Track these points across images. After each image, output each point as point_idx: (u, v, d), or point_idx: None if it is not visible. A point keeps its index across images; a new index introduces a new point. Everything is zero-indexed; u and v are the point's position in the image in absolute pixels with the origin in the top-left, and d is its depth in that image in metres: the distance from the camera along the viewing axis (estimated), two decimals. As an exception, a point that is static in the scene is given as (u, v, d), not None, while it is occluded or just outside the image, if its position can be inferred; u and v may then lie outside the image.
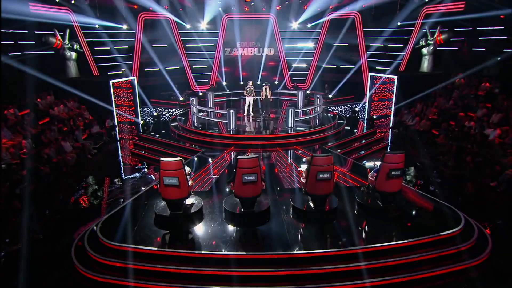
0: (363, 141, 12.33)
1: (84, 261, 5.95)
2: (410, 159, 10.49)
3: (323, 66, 20.44)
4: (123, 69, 18.38)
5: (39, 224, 7.36)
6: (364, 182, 7.90)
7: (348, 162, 10.13)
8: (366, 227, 6.51)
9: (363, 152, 11.46)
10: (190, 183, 6.81)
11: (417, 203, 7.38)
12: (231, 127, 12.41)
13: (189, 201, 7.04)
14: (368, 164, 7.32)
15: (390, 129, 14.02)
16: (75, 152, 10.78)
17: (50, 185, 9.15)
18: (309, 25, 20.74)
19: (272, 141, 11.57)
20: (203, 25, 20.38)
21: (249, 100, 14.09)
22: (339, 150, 11.15)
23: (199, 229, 6.53)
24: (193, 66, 20.46)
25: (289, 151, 11.27)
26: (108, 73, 16.99)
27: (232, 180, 6.64)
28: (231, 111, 12.38)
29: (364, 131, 13.27)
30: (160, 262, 5.74)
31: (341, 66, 19.97)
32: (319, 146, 11.57)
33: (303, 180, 6.97)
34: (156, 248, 5.88)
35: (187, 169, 7.04)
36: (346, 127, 13.44)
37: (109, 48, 17.60)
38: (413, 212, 7.03)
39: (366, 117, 15.23)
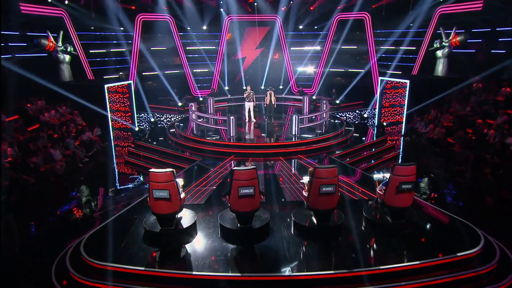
0: (373, 149, 12.12)
1: (66, 283, 5.70)
2: (423, 170, 10.26)
3: (331, 69, 20.52)
4: (121, 73, 18.44)
5: (17, 239, 7.15)
6: (373, 195, 7.58)
7: (356, 173, 9.88)
8: (374, 246, 6.22)
9: (373, 161, 11.27)
10: (182, 196, 6.59)
11: (431, 219, 7.09)
12: (231, 135, 12.27)
13: (181, 215, 6.80)
14: (377, 176, 7.00)
15: (402, 137, 13.84)
16: (65, 161, 10.60)
17: (36, 196, 8.96)
18: (315, 27, 20.79)
19: (275, 149, 11.48)
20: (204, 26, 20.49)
21: (248, 106, 14.01)
22: (348, 159, 10.98)
23: (192, 247, 6.28)
24: (194, 70, 20.52)
25: (293, 161, 11.10)
26: (104, 77, 17.11)
27: (227, 193, 6.39)
28: (231, 117, 12.21)
29: (374, 139, 13.09)
30: (148, 283, 5.48)
31: (349, 70, 19.92)
32: (326, 155, 11.39)
33: (305, 194, 6.69)
34: (143, 268, 5.63)
35: (180, 180, 6.82)
36: (354, 135, 13.30)
37: (105, 50, 17.74)
38: (426, 230, 6.74)
39: (376, 124, 15.09)
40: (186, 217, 6.87)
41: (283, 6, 19.86)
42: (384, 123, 14.31)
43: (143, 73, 19.21)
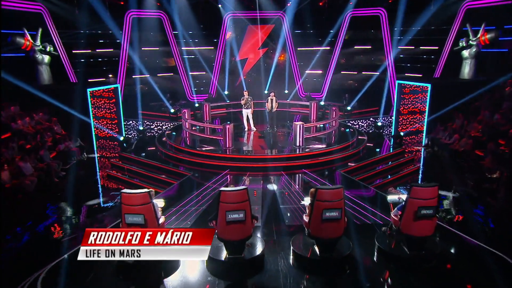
0: (389, 163, 11.86)
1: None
2: (447, 187, 9.85)
3: (342, 72, 20.43)
4: (110, 75, 18.45)
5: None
6: (388, 219, 7.12)
7: (369, 191, 9.54)
8: (389, 282, 5.85)
9: (389, 177, 10.97)
10: (161, 221, 6.22)
11: (457, 250, 6.75)
12: (227, 146, 12.01)
13: None
14: (391, 197, 6.54)
15: (423, 149, 13.54)
16: (37, 175, 10.21)
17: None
18: (325, 25, 20.55)
19: (276, 163, 11.22)
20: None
21: (246, 113, 13.86)
22: (360, 174, 10.69)
23: (172, 281, 5.85)
24: (190, 73, 20.49)
25: (297, 176, 10.90)
26: (89, 80, 16.87)
27: (214, 217, 5.97)
28: (227, 126, 11.91)
29: (390, 151, 12.85)
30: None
31: (363, 72, 19.69)
32: (334, 169, 11.13)
33: (305, 219, 6.25)
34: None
35: (159, 202, 6.45)
36: (367, 145, 13.18)
37: (90, 51, 17.60)
38: (452, 263, 6.36)
39: (392, 134, 14.83)
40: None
41: (289, 1, 19.72)
42: (402, 133, 14.03)
43: (133, 76, 19.07)
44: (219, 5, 19.87)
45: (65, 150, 12.47)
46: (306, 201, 6.38)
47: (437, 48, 17.33)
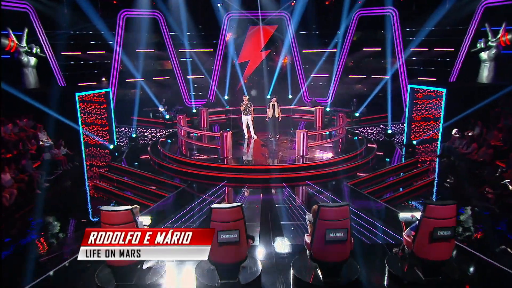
0: (401, 174, 11.66)
1: None
2: (465, 202, 9.64)
3: (350, 76, 20.33)
4: (103, 79, 18.40)
5: None
6: (400, 238, 6.84)
7: (378, 206, 9.28)
8: None
9: (401, 189, 10.78)
10: None
11: (478, 275, 6.49)
12: (225, 155, 11.84)
13: (146, 265, 6.15)
14: (403, 216, 6.24)
15: (437, 158, 13.33)
16: (17, 187, 9.97)
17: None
18: (332, 25, 20.46)
19: (277, 174, 11.00)
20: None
21: (246, 119, 13.76)
22: (368, 187, 10.49)
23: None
24: (190, 77, 20.49)
25: (300, 188, 10.76)
26: (79, 84, 16.92)
27: None
28: (225, 134, 11.72)
29: (402, 161, 12.70)
30: None
31: (372, 76, 19.54)
32: (341, 181, 10.92)
33: (307, 239, 5.94)
34: None
35: (145, 220, 6.21)
36: (377, 153, 13.07)
37: (80, 53, 17.54)
38: None
39: (404, 142, 14.59)
40: (151, 267, 6.23)
41: (293, 0, 19.66)
42: (414, 141, 13.85)
43: (127, 80, 19.01)
44: (219, 5, 19.82)
45: (50, 159, 12.24)
46: (310, 217, 6.10)
47: (452, 50, 17.15)
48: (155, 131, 16.47)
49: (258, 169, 11.32)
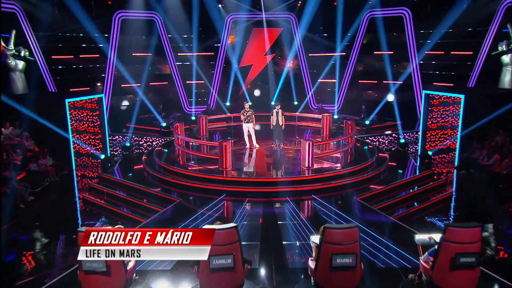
0: (415, 188, 11.41)
1: None
2: (488, 220, 9.36)
3: (360, 81, 20.41)
4: (98, 84, 18.45)
5: None
6: (417, 262, 6.49)
7: (390, 224, 9.00)
8: None
9: (416, 204, 10.52)
10: (130, 264, 5.66)
11: None
12: (224, 166, 11.64)
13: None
14: (420, 238, 5.90)
15: (455, 170, 13.22)
16: (-2, 200, 9.66)
17: None
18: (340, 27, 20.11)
19: (280, 187, 10.82)
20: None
21: (247, 128, 13.65)
22: (379, 202, 10.21)
23: None
24: (194, 82, 20.54)
25: (306, 203, 10.57)
26: (71, 90, 16.77)
27: (196, 262, 5.37)
28: (224, 143, 11.54)
29: (417, 173, 12.47)
30: None
31: (383, 81, 19.43)
32: (350, 195, 10.70)
33: (311, 264, 5.65)
34: None
35: None
36: (389, 164, 12.89)
37: (72, 56, 17.56)
38: None
39: (419, 153, 14.47)
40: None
41: (299, 1, 19.77)
42: (430, 152, 13.67)
43: (122, 85, 19.01)
44: (220, 6, 19.87)
45: (37, 169, 12.06)
46: (315, 239, 5.73)
47: (471, 53, 17.06)
48: (151, 140, 16.28)
49: (259, 182, 11.16)
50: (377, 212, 9.55)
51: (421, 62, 18.29)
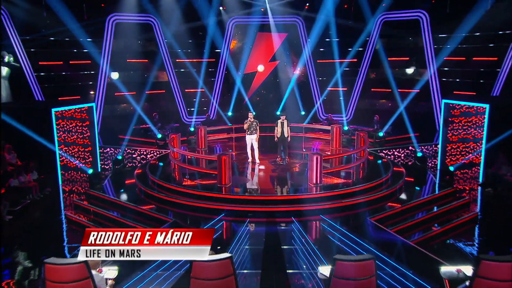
0: (435, 208, 10.97)
1: None
2: None
3: (372, 89, 20.52)
4: (91, 92, 18.43)
5: None
6: None
7: (409, 250, 8.58)
8: None
9: (436, 226, 10.04)
10: None
11: None
12: (223, 183, 11.41)
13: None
14: (446, 270, 5.49)
15: (480, 188, 12.82)
16: (-28, 220, 9.32)
17: None
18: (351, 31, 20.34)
19: (285, 206, 10.73)
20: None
21: (250, 140, 13.53)
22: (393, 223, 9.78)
23: None
24: (186, 90, 20.75)
25: (313, 224, 10.35)
26: (59, 98, 16.61)
27: None
28: (223, 156, 11.28)
29: (437, 192, 12.06)
30: None
31: (399, 90, 19.24)
32: (362, 215, 10.48)
33: None
34: None
35: (110, 272, 5.67)
36: (406, 179, 12.63)
37: (62, 62, 17.62)
38: None
39: (438, 168, 14.29)
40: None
41: (307, 3, 19.96)
42: (452, 167, 13.34)
43: (115, 94, 19.04)
44: (222, 8, 19.90)
45: (19, 185, 11.75)
46: (324, 270, 5.43)
47: (495, 59, 16.87)
48: (145, 152, 16.08)
49: (262, 200, 10.99)
50: (393, 235, 9.16)
51: (439, 68, 18.27)
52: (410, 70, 17.72)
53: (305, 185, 11.72)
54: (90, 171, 13.06)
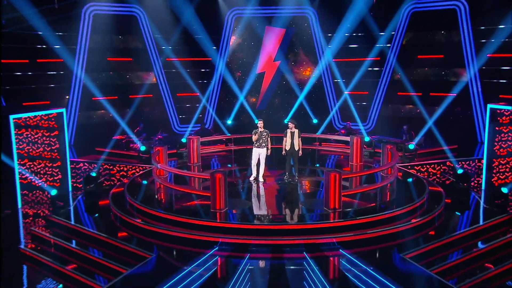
0: (479, 244, 10.32)
1: None
2: None
3: (399, 93, 20.55)
4: (67, 97, 18.57)
5: None
6: None
7: None
8: None
9: (492, 268, 9.32)
10: None
11: None
12: (217, 207, 10.89)
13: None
14: None
15: None
16: None
17: None
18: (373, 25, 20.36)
19: (295, 237, 10.19)
20: None
21: (258, 154, 13.26)
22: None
23: None
24: (178, 95, 20.95)
25: (330, 261, 9.72)
26: (24, 104, 16.67)
27: None
28: (217, 174, 10.71)
29: (481, 222, 11.25)
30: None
31: (430, 93, 19.46)
32: (392, 250, 9.93)
33: None
34: None
35: None
36: (445, 203, 12.09)
37: (27, 61, 17.42)
38: None
39: (484, 188, 13.86)
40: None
41: None
42: (505, 188, 12.55)
43: (93, 98, 19.03)
44: None
45: None
46: None
47: None
48: (125, 168, 15.81)
49: (266, 230, 10.48)
50: (434, 278, 8.51)
51: (481, 68, 18.12)
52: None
53: (320, 211, 11.32)
54: (53, 191, 12.48)
